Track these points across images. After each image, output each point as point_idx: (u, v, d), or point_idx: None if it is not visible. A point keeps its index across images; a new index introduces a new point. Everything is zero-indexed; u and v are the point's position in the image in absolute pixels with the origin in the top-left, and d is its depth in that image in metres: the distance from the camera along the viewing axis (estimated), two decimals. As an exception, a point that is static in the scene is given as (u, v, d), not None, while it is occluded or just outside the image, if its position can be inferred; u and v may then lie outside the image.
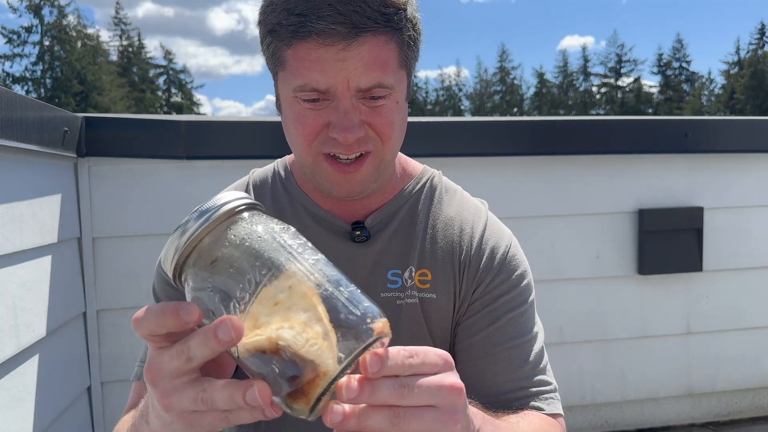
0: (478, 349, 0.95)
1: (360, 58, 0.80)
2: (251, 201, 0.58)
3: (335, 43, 0.79)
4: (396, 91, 0.86)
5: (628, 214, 2.52)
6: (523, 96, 68.25)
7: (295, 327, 0.50)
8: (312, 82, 0.81)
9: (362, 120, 0.84)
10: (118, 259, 2.07)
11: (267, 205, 1.02)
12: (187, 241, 0.54)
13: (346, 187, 0.89)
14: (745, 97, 53.49)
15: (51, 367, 1.67)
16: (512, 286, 0.97)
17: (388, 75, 0.83)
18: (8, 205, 1.45)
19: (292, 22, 0.79)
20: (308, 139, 0.86)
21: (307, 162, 0.89)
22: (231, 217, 0.55)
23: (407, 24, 0.84)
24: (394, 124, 0.87)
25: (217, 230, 0.55)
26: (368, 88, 0.82)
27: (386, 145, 0.88)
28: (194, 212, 0.56)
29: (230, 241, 0.54)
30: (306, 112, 0.84)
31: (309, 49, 0.80)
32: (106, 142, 2.03)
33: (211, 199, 0.56)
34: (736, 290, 2.64)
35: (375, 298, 0.97)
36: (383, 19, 0.80)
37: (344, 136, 0.83)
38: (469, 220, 1.00)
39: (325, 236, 0.98)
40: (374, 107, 0.85)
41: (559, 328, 2.48)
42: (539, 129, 2.45)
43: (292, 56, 0.82)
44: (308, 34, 0.79)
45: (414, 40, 0.87)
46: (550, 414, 0.94)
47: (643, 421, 2.63)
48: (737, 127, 2.60)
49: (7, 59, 46.77)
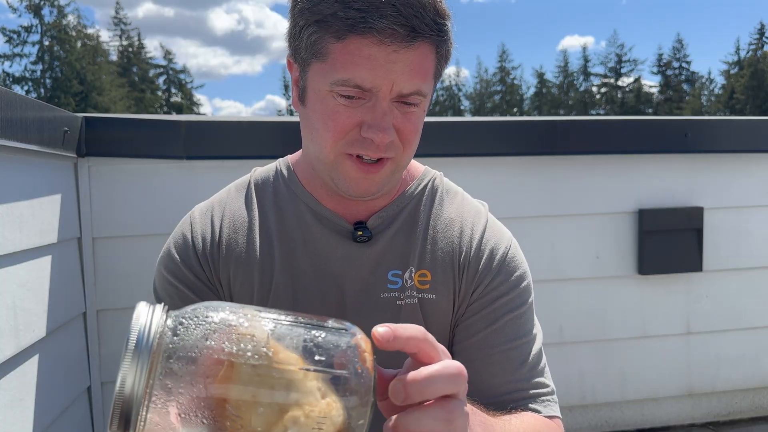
0: (477, 350, 0.96)
1: (408, 63, 0.82)
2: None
3: (392, 44, 0.80)
4: (426, 100, 0.88)
5: (628, 214, 2.52)
6: (523, 96, 68.23)
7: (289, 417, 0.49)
8: (357, 79, 0.81)
9: (394, 124, 0.85)
10: (118, 259, 2.07)
11: (268, 204, 1.02)
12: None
13: (364, 186, 0.89)
14: (745, 97, 53.47)
15: (51, 367, 1.67)
16: (511, 287, 0.97)
17: (426, 83, 0.85)
18: (8, 205, 1.45)
19: (351, 16, 0.79)
20: (337, 136, 0.86)
21: (328, 158, 0.89)
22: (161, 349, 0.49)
23: (449, 37, 0.86)
24: (417, 132, 0.90)
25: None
26: (409, 94, 0.84)
27: (406, 151, 0.90)
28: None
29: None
30: (340, 108, 0.84)
31: (362, 46, 0.80)
32: (106, 142, 2.03)
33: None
34: (736, 290, 2.64)
35: (375, 298, 0.98)
36: (436, 29, 0.82)
37: (380, 137, 0.83)
38: (469, 222, 1.01)
39: (327, 235, 0.98)
40: (406, 113, 0.86)
41: (559, 328, 2.48)
42: (539, 129, 2.45)
43: (341, 50, 0.82)
44: (368, 30, 0.79)
45: (449, 55, 0.89)
46: (547, 416, 0.93)
47: (643, 421, 2.63)
48: (737, 127, 2.60)
49: (6, 59, 46.75)
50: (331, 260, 0.98)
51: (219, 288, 1.00)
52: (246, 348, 0.50)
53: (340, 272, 0.98)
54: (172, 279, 0.99)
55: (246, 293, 0.99)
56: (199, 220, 1.01)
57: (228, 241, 0.99)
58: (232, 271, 0.99)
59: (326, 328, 0.53)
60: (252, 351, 0.49)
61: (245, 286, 0.99)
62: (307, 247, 0.98)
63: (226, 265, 0.99)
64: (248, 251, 0.99)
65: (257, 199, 1.02)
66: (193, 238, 1.00)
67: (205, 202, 1.05)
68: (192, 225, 1.01)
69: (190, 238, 1.00)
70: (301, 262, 0.98)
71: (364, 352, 0.52)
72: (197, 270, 0.99)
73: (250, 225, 1.00)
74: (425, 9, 0.80)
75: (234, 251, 0.99)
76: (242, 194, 1.04)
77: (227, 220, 1.01)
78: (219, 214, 1.01)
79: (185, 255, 0.99)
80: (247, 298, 0.99)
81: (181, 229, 1.02)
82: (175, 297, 0.98)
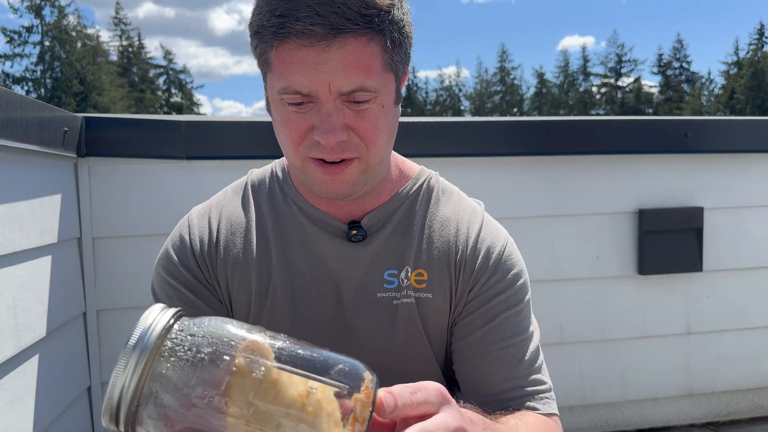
0: (474, 349, 0.96)
1: (341, 60, 0.80)
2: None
3: (314, 45, 0.78)
4: (381, 95, 0.85)
5: (628, 214, 2.52)
6: (523, 96, 68.22)
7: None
8: (295, 85, 0.81)
9: (346, 124, 0.84)
10: (118, 259, 2.07)
11: (264, 205, 1.02)
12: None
13: (333, 188, 0.89)
14: (745, 97, 53.47)
15: (51, 368, 1.67)
16: (508, 285, 0.98)
17: (370, 78, 0.82)
18: (8, 205, 1.45)
19: (274, 23, 0.79)
20: (295, 142, 0.86)
21: (295, 164, 0.90)
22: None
23: (391, 26, 0.83)
24: (379, 129, 0.86)
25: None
26: (350, 92, 0.82)
27: (372, 150, 0.87)
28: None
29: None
30: (291, 115, 0.84)
31: (290, 51, 0.80)
32: (106, 142, 2.03)
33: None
34: (736, 290, 2.63)
35: (371, 298, 0.98)
36: (363, 21, 0.79)
37: (326, 139, 0.82)
38: (465, 221, 1.01)
39: (322, 236, 0.98)
40: (358, 111, 0.84)
41: (559, 328, 2.48)
42: (539, 129, 2.45)
43: (276, 58, 0.82)
44: (287, 35, 0.79)
45: (400, 43, 0.85)
46: (545, 414, 0.94)
47: (643, 421, 2.63)
48: (737, 127, 2.60)
49: (7, 59, 46.76)
50: (327, 260, 0.98)
51: (217, 289, 1.00)
52: (252, 364, 0.50)
53: (336, 272, 0.98)
54: (170, 280, 0.99)
55: (244, 294, 0.99)
56: (196, 222, 1.02)
57: (225, 243, 1.00)
58: (230, 273, 0.99)
59: (330, 376, 0.53)
60: (257, 369, 0.50)
61: (243, 288, 0.99)
62: (303, 247, 0.99)
63: (224, 266, 0.99)
64: (246, 253, 0.99)
65: (254, 201, 1.03)
66: (191, 240, 1.00)
67: (203, 204, 1.06)
68: (190, 227, 1.02)
69: (188, 239, 1.00)
70: (298, 263, 0.98)
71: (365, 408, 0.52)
72: (195, 271, 0.99)
73: (247, 226, 1.01)
74: (347, 4, 0.78)
75: (231, 253, 0.99)
76: (239, 196, 1.04)
77: (224, 222, 1.01)
78: (216, 216, 1.02)
79: (183, 256, 0.99)
80: (245, 299, 0.99)
81: (179, 230, 1.03)
82: (174, 298, 0.99)
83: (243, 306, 1.00)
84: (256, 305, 0.99)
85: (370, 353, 0.97)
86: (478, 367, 0.95)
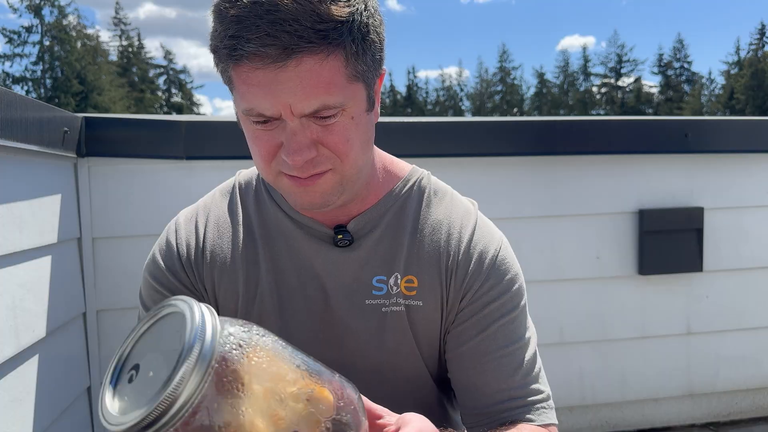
0: (468, 359, 0.93)
1: (299, 80, 0.76)
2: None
3: (268, 66, 0.75)
4: (349, 107, 0.81)
5: (628, 215, 2.51)
6: (524, 96, 68.23)
7: None
8: (257, 107, 0.79)
9: (314, 139, 0.81)
10: (118, 259, 2.07)
11: (251, 208, 1.00)
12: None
13: (307, 199, 0.86)
14: (745, 97, 53.46)
15: (51, 368, 1.67)
16: (502, 291, 0.94)
17: (332, 95, 0.78)
18: (8, 205, 1.45)
19: (227, 45, 0.76)
20: (266, 160, 0.84)
21: (268, 179, 0.88)
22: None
23: (352, 36, 0.77)
24: (350, 141, 0.82)
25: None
26: (312, 112, 0.78)
27: (345, 162, 0.84)
28: None
29: None
30: (259, 133, 0.82)
31: (247, 73, 0.77)
32: (106, 142, 2.03)
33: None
34: (736, 290, 2.63)
35: (360, 305, 0.95)
36: (317, 37, 0.74)
37: (293, 159, 0.80)
38: (457, 223, 0.97)
39: (308, 241, 0.96)
40: (326, 126, 0.80)
41: (559, 328, 2.48)
42: (539, 129, 2.45)
43: (236, 79, 0.80)
44: (240, 58, 0.76)
45: (364, 51, 0.80)
46: (542, 425, 0.91)
47: (643, 421, 2.63)
48: (737, 127, 2.59)
49: (7, 59, 46.76)
50: (314, 266, 0.95)
51: (204, 294, 0.98)
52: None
53: (323, 278, 0.95)
54: (157, 286, 0.97)
55: (231, 299, 0.97)
56: (183, 226, 1.00)
57: (212, 247, 0.98)
58: (217, 277, 0.97)
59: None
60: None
61: (230, 292, 0.97)
62: (290, 252, 0.96)
63: (211, 271, 0.97)
64: (233, 257, 0.97)
65: (241, 204, 1.01)
66: (177, 245, 0.98)
67: (190, 207, 1.04)
68: (177, 231, 1.00)
69: (175, 244, 0.98)
70: (286, 268, 0.96)
71: None
72: (182, 276, 0.97)
73: (234, 230, 0.98)
74: (299, 21, 0.73)
75: (218, 257, 0.97)
76: (227, 198, 1.02)
77: (211, 226, 0.99)
78: (203, 219, 1.00)
79: (170, 262, 0.98)
80: (231, 304, 0.97)
81: (166, 235, 1.01)
82: None
83: (229, 311, 0.97)
84: (243, 311, 0.97)
85: (359, 361, 0.95)
86: (473, 378, 0.92)
